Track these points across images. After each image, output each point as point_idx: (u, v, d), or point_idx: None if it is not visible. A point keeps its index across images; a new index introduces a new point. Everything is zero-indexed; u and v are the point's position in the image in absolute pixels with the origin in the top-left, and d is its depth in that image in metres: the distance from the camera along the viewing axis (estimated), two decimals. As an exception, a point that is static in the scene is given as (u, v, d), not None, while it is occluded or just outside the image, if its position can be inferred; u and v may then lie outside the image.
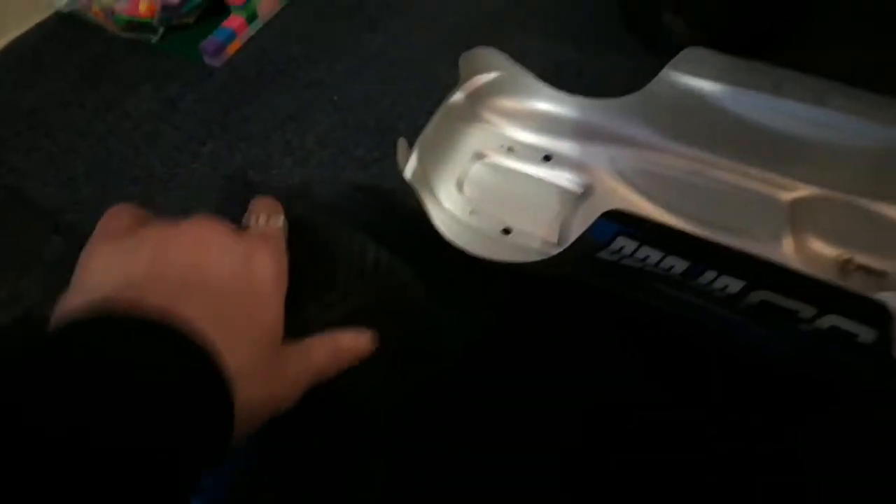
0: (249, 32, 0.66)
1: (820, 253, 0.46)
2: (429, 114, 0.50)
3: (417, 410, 0.40)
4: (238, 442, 0.30)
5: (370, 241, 0.42)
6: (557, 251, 0.40)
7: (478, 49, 0.52)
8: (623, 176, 0.50)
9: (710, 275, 0.36)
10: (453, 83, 0.52)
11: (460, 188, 0.51)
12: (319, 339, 0.36)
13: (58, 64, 0.64)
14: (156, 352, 0.29)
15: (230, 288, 0.33)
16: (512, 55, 0.52)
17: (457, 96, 0.52)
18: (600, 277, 0.42)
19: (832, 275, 0.45)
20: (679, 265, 0.36)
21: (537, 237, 0.48)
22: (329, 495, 0.38)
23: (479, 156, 0.53)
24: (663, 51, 0.50)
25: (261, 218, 0.38)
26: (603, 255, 0.39)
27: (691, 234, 0.36)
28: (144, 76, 0.63)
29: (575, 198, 0.50)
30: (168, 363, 0.29)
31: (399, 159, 0.45)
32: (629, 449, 0.38)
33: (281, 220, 0.39)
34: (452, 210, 0.50)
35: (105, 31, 0.66)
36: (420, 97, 0.58)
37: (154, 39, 0.65)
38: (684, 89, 0.48)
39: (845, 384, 0.39)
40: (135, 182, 0.55)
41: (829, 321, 0.34)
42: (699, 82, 0.47)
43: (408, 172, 0.47)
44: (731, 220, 0.47)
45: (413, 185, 0.44)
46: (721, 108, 0.47)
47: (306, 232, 0.40)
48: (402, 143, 0.46)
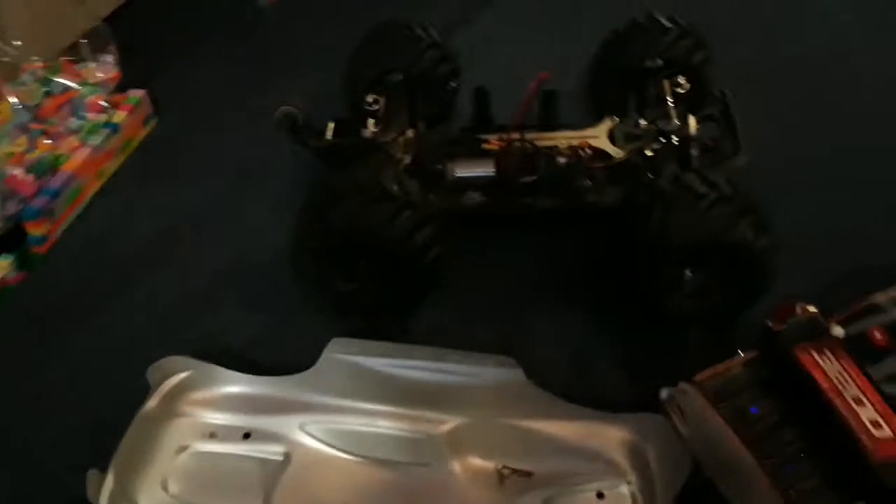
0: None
1: (481, 467, 0.57)
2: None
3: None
4: None
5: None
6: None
7: (164, 359, 0.59)
8: (314, 437, 0.59)
9: None
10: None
11: (165, 487, 0.55)
12: None
13: None
14: None
15: None
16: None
17: (151, 403, 0.58)
18: None
19: (492, 483, 0.55)
20: None
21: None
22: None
23: (182, 448, 0.58)
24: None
25: None
26: None
27: None
28: None
29: (276, 466, 0.57)
30: None
31: (90, 494, 0.49)
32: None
33: None
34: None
35: None
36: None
37: None
38: (344, 364, 0.59)
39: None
40: None
41: None
42: (353, 358, 0.59)
43: (103, 500, 0.50)
44: (406, 455, 0.57)
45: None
46: (375, 372, 0.59)
47: None
48: (93, 475, 0.50)
